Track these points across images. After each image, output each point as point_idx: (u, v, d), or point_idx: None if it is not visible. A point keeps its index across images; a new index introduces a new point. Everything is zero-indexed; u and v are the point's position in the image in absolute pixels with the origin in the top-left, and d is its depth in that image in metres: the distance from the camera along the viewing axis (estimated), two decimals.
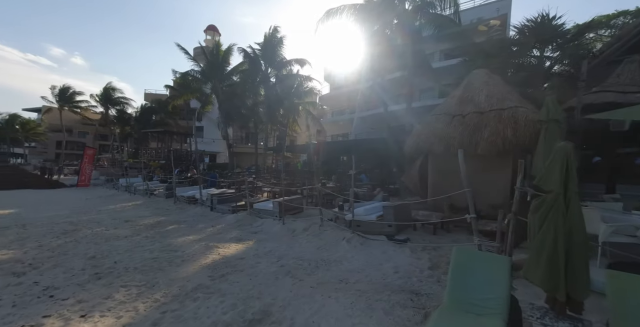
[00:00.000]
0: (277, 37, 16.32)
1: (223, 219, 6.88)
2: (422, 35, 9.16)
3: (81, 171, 16.68)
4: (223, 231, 5.73)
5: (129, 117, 33.45)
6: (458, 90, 5.25)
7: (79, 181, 16.42)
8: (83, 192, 13.82)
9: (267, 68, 16.83)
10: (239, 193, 8.58)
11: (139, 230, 5.82)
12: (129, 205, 9.53)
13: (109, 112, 31.90)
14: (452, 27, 8.15)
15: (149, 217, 7.36)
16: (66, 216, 7.22)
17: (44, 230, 5.70)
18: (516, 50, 6.48)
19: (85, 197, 12.00)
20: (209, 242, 4.82)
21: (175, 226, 6.32)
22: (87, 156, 17.39)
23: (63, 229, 5.78)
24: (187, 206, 8.81)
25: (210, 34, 38.49)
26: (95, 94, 31.87)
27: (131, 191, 12.57)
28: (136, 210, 8.53)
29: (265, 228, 5.81)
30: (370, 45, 10.40)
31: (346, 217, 4.76)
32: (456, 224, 4.06)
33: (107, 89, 31.40)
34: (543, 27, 5.89)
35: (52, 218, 6.93)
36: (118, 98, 31.91)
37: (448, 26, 8.20)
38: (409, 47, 8.52)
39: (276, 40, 16.31)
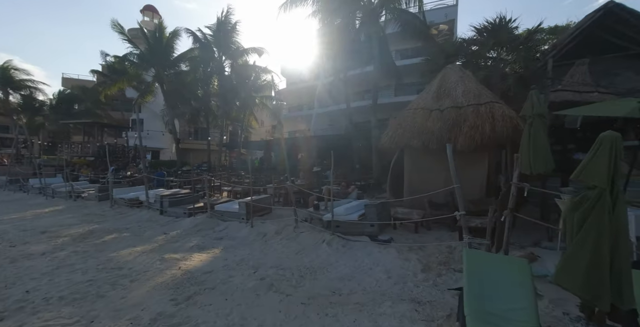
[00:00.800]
0: (232, 21, 14.90)
1: (177, 224, 5.91)
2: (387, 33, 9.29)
3: None
4: (180, 238, 4.87)
5: (41, 105, 27.29)
6: (433, 84, 5.35)
7: None
8: None
9: (221, 56, 15.32)
10: (195, 194, 7.55)
11: (63, 243, 4.56)
12: (45, 211, 7.60)
13: (10, 98, 25.47)
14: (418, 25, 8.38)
15: (76, 225, 5.91)
16: None
17: None
18: (476, 50, 6.94)
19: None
20: (163, 253, 3.99)
21: (114, 235, 5.16)
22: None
23: None
24: (129, 210, 7.41)
25: (149, 16, 33.91)
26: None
27: (48, 193, 10.14)
28: (57, 217, 6.82)
29: (231, 233, 5.14)
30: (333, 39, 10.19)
31: (324, 217, 4.44)
32: (435, 221, 4.08)
33: (5, 68, 24.93)
34: (500, 29, 6.40)
35: None
36: (22, 81, 25.69)
37: (414, 24, 8.42)
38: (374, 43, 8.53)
39: (230, 25, 14.87)
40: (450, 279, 2.73)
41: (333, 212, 4.17)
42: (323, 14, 10.77)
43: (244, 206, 5.50)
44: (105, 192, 8.78)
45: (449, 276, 2.79)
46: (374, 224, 3.88)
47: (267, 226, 5.19)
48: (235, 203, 5.95)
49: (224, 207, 5.90)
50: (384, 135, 5.16)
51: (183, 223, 5.90)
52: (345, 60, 10.62)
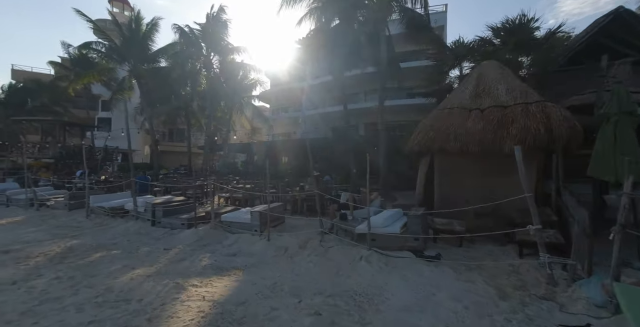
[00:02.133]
0: (222, 18, 14.13)
1: (176, 237, 5.17)
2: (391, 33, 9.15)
3: None
4: (186, 255, 4.19)
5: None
6: (469, 82, 5.13)
7: None
8: None
9: (210, 52, 14.40)
10: (189, 201, 6.75)
11: (38, 266, 3.68)
12: (0, 223, 6.35)
13: None
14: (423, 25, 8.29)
15: (47, 241, 4.92)
16: None
17: None
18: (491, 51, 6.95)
19: None
20: (174, 277, 3.34)
21: (101, 253, 4.33)
22: None
23: None
24: (110, 221, 6.43)
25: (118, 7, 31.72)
26: None
27: (1, 201, 8.62)
28: (17, 231, 5.68)
29: (244, 247, 4.55)
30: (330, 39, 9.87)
31: (357, 229, 4.05)
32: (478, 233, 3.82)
33: None
34: (521, 29, 6.43)
35: None
36: None
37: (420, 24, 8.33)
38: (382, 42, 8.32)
39: (221, 22, 14.09)
40: (542, 310, 2.41)
41: (370, 223, 3.78)
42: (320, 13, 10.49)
43: (257, 216, 4.93)
44: (78, 199, 7.62)
45: (537, 306, 2.47)
46: (419, 237, 3.55)
47: (286, 239, 4.68)
48: (245, 212, 5.34)
49: (231, 217, 5.27)
50: (412, 138, 4.87)
51: (183, 236, 5.17)
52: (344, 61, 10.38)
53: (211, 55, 14.47)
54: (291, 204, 7.35)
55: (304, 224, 5.78)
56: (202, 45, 14.14)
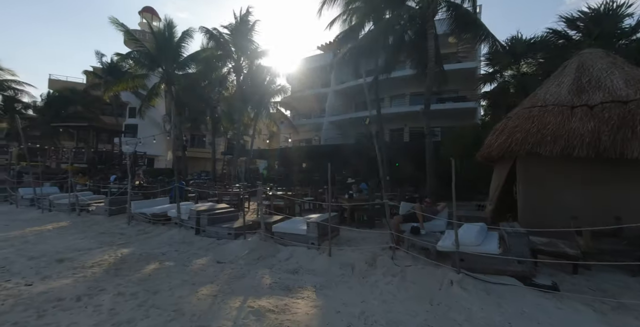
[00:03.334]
0: (250, 21, 14.26)
1: (225, 248, 4.90)
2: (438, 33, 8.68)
3: None
4: (244, 271, 3.89)
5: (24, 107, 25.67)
6: (565, 75, 4.53)
7: None
8: None
9: (240, 57, 14.56)
10: (233, 208, 6.54)
11: (96, 279, 3.51)
12: (47, 229, 6.41)
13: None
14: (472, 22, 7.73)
15: (97, 249, 4.83)
16: None
17: None
18: (564, 44, 6.32)
19: None
20: (241, 296, 3.04)
21: (154, 265, 4.14)
22: None
23: None
24: (152, 228, 6.33)
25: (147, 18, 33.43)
26: None
27: (43, 205, 8.86)
28: (66, 237, 5.68)
29: (303, 262, 4.19)
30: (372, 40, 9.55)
31: (439, 246, 3.58)
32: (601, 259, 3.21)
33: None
34: (607, 18, 5.72)
35: None
36: (5, 81, 24.19)
37: (468, 20, 7.80)
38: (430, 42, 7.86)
39: (249, 25, 14.23)
40: None
41: (458, 240, 3.31)
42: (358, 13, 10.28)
43: (314, 227, 4.58)
44: (118, 205, 7.65)
45: None
46: (525, 261, 3.02)
47: (349, 255, 4.28)
48: (299, 223, 5.01)
49: (284, 228, 4.95)
50: (488, 142, 4.37)
51: (232, 248, 4.90)
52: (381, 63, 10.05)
53: (241, 59, 14.61)
54: (338, 214, 6.97)
55: (359, 236, 5.38)
56: (232, 48, 14.31)
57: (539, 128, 3.99)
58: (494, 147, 4.22)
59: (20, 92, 24.98)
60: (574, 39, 6.20)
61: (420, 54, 9.53)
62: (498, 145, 4.18)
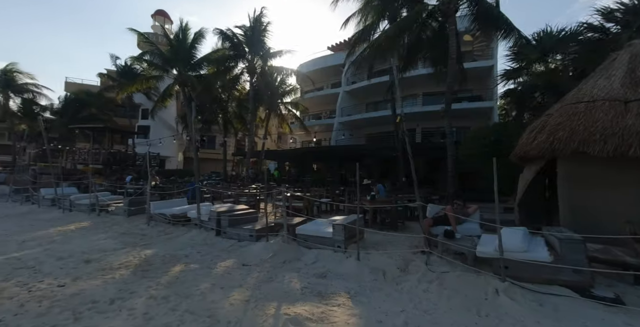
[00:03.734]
0: (263, 22, 14.31)
1: (248, 250, 4.84)
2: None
3: None
4: (271, 274, 3.80)
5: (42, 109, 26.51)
6: (616, 67, 4.24)
7: None
8: None
9: (253, 58, 14.61)
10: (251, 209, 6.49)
11: (125, 281, 3.48)
12: (70, 229, 6.50)
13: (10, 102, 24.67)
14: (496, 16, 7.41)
15: (121, 250, 4.83)
16: None
17: None
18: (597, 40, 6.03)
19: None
20: (273, 301, 2.95)
21: (179, 266, 4.10)
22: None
23: None
24: (172, 229, 6.34)
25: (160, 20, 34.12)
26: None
27: (64, 205, 9.02)
28: (89, 237, 5.73)
29: (330, 266, 4.07)
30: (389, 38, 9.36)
31: (478, 251, 3.41)
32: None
33: (7, 71, 24.32)
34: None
35: None
36: (24, 85, 25.01)
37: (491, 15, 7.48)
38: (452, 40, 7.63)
39: (262, 25, 14.28)
40: None
41: (501, 245, 3.13)
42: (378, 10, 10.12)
43: (340, 230, 4.46)
44: (137, 205, 7.71)
45: None
46: (582, 270, 2.80)
47: (379, 259, 4.14)
48: (324, 225, 4.90)
49: (308, 230, 4.85)
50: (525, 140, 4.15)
51: (254, 250, 4.82)
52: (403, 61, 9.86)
53: (254, 59, 14.66)
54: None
55: (384, 239, 5.23)
56: (246, 49, 14.38)
57: (586, 126, 3.74)
58: (532, 146, 4.00)
59: (39, 94, 25.84)
60: (611, 32, 5.89)
61: (438, 52, 9.32)
62: (537, 145, 3.95)
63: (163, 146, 29.47)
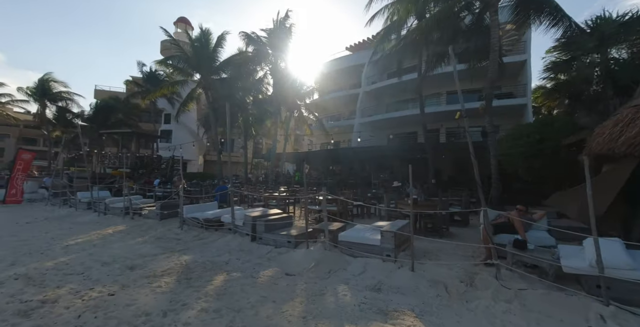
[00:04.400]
0: (287, 24, 14.31)
1: (288, 258, 4.63)
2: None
3: (11, 182, 12.47)
4: (319, 286, 3.56)
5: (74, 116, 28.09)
6: None
7: (7, 196, 12.20)
8: (16, 212, 10.00)
9: (277, 59, 14.63)
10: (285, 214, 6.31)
11: (173, 290, 3.36)
12: (108, 233, 6.60)
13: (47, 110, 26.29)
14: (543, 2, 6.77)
15: (161, 256, 4.78)
16: (9, 263, 4.28)
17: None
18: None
19: (23, 219, 8.49)
20: (338, 321, 2.69)
21: (221, 275, 3.95)
22: (22, 162, 13.11)
23: (15, 299, 3.05)
24: (206, 234, 6.27)
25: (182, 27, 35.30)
26: (27, 86, 26.27)
27: (99, 208, 9.29)
28: (127, 242, 5.77)
29: (382, 278, 3.76)
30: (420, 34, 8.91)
31: (565, 265, 2.99)
32: None
33: (44, 81, 25.96)
34: None
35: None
36: (59, 93, 26.57)
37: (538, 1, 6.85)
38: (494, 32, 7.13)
39: (286, 28, 14.28)
40: None
41: (601, 259, 2.69)
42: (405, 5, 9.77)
43: (390, 237, 4.15)
44: (169, 209, 7.77)
45: None
46: None
47: (435, 270, 3.80)
48: (369, 231, 4.61)
49: (352, 237, 4.57)
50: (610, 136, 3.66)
51: (295, 258, 4.61)
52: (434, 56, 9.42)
53: (278, 61, 14.67)
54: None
55: (432, 247, 4.86)
56: (269, 51, 14.42)
57: None
58: (619, 142, 3.50)
59: (71, 101, 27.38)
60: None
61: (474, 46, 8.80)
62: (625, 140, 3.45)
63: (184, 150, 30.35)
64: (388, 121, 23.04)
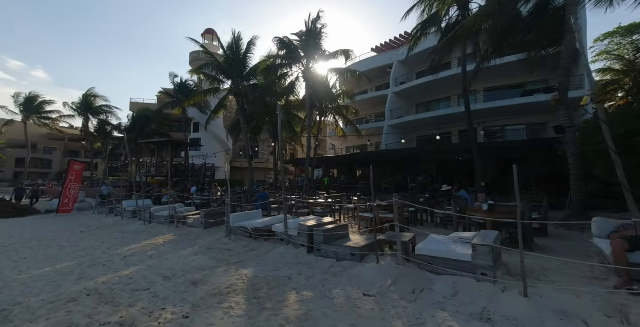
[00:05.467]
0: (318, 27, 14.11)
1: (357, 274, 4.13)
2: None
3: (64, 193, 13.20)
4: (413, 312, 3.03)
5: (113, 128, 30.01)
6: None
7: (60, 206, 12.91)
8: (70, 222, 10.48)
9: (309, 63, 14.46)
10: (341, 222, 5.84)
11: (246, 312, 3.01)
12: (158, 242, 6.53)
13: (89, 123, 28.32)
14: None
15: (217, 268, 4.51)
16: (77, 277, 4.19)
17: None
18: None
19: (77, 228, 8.79)
20: None
21: (293, 295, 3.55)
22: (74, 173, 13.89)
23: (94, 320, 2.83)
24: (256, 244, 5.97)
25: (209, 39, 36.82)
26: (72, 102, 28.52)
27: (143, 217, 9.44)
28: (179, 252, 5.60)
29: (485, 303, 3.14)
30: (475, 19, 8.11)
31: None
32: None
33: (87, 96, 28.06)
34: None
35: (43, 288, 3.85)
36: (101, 107, 28.55)
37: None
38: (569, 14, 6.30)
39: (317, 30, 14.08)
40: None
41: None
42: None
43: (486, 251, 3.52)
44: (213, 218, 7.62)
45: None
46: None
47: (557, 297, 3.11)
48: (457, 244, 4.00)
49: (432, 251, 3.98)
50: None
51: (365, 274, 4.09)
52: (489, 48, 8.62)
53: (310, 65, 14.50)
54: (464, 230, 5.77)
55: (533, 264, 4.12)
56: (302, 54, 14.28)
57: None
58: None
59: (111, 114, 29.29)
60: None
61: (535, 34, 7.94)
62: None
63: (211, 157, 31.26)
64: (419, 122, 22.10)
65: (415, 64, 23.13)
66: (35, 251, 5.91)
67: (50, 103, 28.16)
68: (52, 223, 10.21)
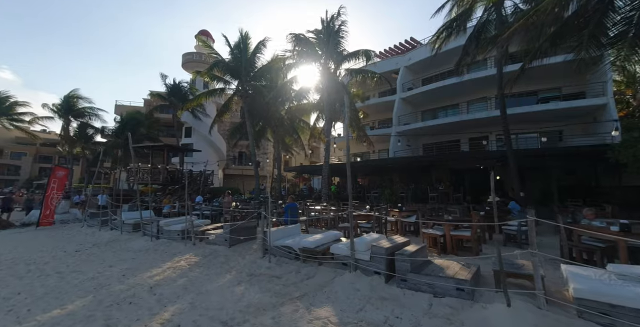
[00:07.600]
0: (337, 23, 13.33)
1: (475, 319, 3.15)
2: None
3: (45, 202, 11.52)
4: None
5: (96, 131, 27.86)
6: None
7: (41, 218, 11.21)
8: (57, 237, 8.91)
9: (328, 61, 13.61)
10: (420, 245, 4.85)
11: None
12: (183, 266, 5.30)
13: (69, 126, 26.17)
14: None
15: (282, 308, 3.45)
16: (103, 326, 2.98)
17: None
18: None
19: (69, 246, 7.36)
20: None
21: None
22: (57, 180, 12.24)
23: None
24: (309, 269, 4.86)
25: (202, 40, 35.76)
26: (53, 103, 26.46)
27: (150, 232, 8.02)
28: (217, 281, 4.44)
29: None
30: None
31: None
32: None
33: (70, 97, 26.10)
34: None
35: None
36: (84, 109, 26.60)
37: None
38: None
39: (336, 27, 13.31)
40: None
41: None
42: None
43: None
44: (242, 234, 6.47)
45: None
46: None
47: None
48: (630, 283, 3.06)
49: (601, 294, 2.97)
50: None
51: (492, 321, 3.10)
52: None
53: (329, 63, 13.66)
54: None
55: None
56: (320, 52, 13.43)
57: None
58: None
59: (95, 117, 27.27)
60: None
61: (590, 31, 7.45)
62: None
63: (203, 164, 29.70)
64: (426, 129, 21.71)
65: (422, 70, 22.99)
66: (28, 281, 4.56)
67: (23, 104, 25.81)
68: (34, 239, 8.62)
